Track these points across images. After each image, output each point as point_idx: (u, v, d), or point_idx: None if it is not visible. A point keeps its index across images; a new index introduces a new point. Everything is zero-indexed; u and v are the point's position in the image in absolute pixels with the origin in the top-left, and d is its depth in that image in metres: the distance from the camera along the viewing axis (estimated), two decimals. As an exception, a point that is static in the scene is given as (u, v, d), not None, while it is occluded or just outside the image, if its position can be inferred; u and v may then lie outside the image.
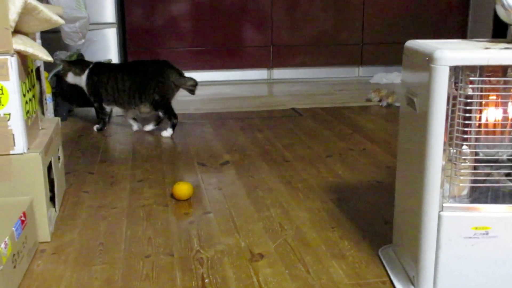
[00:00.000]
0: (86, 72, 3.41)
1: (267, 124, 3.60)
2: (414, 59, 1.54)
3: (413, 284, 1.54)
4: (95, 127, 3.50)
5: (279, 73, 5.27)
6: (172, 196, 2.33)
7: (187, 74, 3.44)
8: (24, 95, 1.90)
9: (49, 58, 2.00)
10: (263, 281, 1.65)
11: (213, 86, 5.03)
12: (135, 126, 3.50)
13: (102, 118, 3.50)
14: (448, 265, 1.48)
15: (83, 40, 3.84)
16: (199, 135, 3.36)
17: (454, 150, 1.46)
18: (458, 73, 1.41)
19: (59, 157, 2.33)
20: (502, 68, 1.44)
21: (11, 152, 1.83)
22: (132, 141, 3.27)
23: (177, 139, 3.29)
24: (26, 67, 1.98)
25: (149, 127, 3.48)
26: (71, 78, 3.44)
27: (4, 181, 1.84)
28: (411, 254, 1.57)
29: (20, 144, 1.84)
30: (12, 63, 1.78)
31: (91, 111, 3.78)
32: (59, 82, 3.74)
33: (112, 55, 4.28)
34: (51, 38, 3.60)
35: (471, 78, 1.42)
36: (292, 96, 4.60)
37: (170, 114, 3.36)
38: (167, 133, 3.35)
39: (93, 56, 3.95)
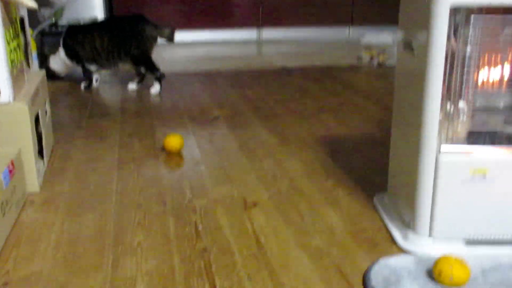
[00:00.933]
0: (61, 39, 3.33)
1: (257, 82, 3.55)
2: (412, 2, 1.50)
3: (409, 228, 1.53)
4: (82, 85, 3.44)
5: (268, 33, 5.20)
6: (163, 149, 2.29)
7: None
8: (9, 43, 1.83)
9: (33, 4, 1.93)
10: (258, 227, 1.63)
11: (201, 46, 4.95)
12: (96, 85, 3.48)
13: (88, 76, 3.43)
14: (445, 209, 1.46)
15: (67, -3, 3.74)
16: (189, 93, 3.31)
17: (453, 95, 1.43)
18: (459, 13, 1.37)
19: (46, 111, 2.28)
20: (503, 9, 1.40)
21: (-3, 100, 1.78)
22: (120, 98, 3.22)
23: (167, 96, 3.23)
24: (9, 14, 1.90)
25: (133, 85, 3.41)
26: (54, 63, 3.38)
27: (-10, 131, 1.79)
28: (407, 200, 1.55)
29: (6, 93, 1.78)
30: (-5, 7, 1.71)
31: (78, 70, 3.70)
32: (42, 43, 3.65)
33: (97, 12, 4.18)
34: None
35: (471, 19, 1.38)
36: (281, 55, 4.54)
37: (152, 68, 3.30)
38: (154, 89, 3.30)
39: (78, 13, 3.86)
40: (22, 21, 2.23)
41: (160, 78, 3.30)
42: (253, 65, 4.10)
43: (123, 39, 3.21)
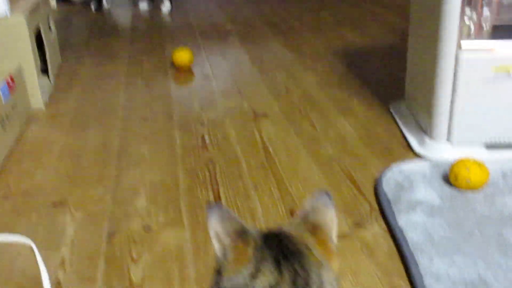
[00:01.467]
0: None
1: (274, -3, 3.39)
2: None
3: (426, 134, 1.44)
4: (92, 6, 3.33)
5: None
6: (173, 65, 2.21)
7: None
8: (1, -49, 1.73)
9: None
10: (267, 137, 1.56)
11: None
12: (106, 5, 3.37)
13: (98, -4, 3.33)
14: (465, 111, 1.36)
15: None
16: (202, 10, 3.18)
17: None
18: None
19: (50, 27, 2.19)
20: None
21: (-7, 13, 1.70)
22: (131, 18, 3.11)
23: (179, 15, 3.11)
24: None
25: (143, 4, 3.29)
26: None
27: (-12, 45, 1.73)
28: (424, 105, 1.45)
29: (2, 7, 1.70)
30: None
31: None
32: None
33: None
34: None
35: None
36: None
37: None
38: (165, 7, 3.19)
39: None
40: None
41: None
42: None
43: None
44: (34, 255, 1.10)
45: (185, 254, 1.10)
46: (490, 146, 1.38)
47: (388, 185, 1.25)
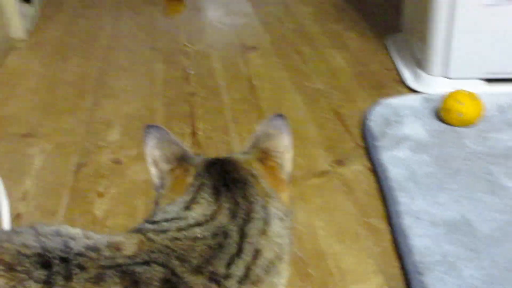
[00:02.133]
0: None
1: None
2: None
3: (421, 68, 1.35)
4: None
5: None
6: (164, -5, 2.09)
7: None
8: None
9: None
10: (254, 71, 1.48)
11: None
12: None
13: None
14: (462, 42, 1.26)
15: None
16: None
17: None
18: None
19: (36, -46, 2.08)
20: None
21: None
22: None
23: None
24: None
25: None
26: None
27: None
28: (421, 37, 1.35)
29: None
30: None
31: None
32: None
33: None
34: None
35: None
36: None
37: None
38: None
39: None
40: None
41: None
42: None
43: None
44: (-4, 186, 1.05)
45: (152, 189, 1.04)
46: (488, 81, 1.28)
47: (375, 120, 1.17)
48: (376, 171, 1.03)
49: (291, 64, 1.51)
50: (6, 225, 0.93)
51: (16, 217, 0.97)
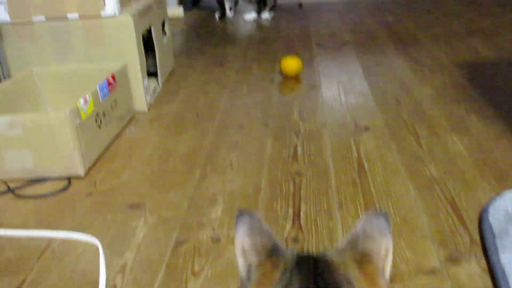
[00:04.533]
0: None
1: (402, 8, 3.20)
2: None
3: (552, 159, 1.21)
4: (216, 15, 3.37)
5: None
6: (281, 73, 2.13)
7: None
8: (116, -46, 1.77)
9: None
10: (364, 152, 1.42)
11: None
12: (230, 14, 3.40)
13: (221, 5, 3.36)
14: None
15: None
16: (323, 20, 3.08)
17: None
18: None
19: (165, 32, 2.22)
20: None
21: (102, 14, 1.73)
22: (251, 27, 3.09)
23: (299, 25, 3.04)
24: None
25: (249, 16, 3.26)
26: None
27: (97, 45, 1.77)
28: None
29: (111, 5, 1.73)
30: None
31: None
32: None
33: None
34: None
35: None
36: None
37: (260, 1, 3.19)
38: (250, 16, 3.26)
39: None
40: None
41: (260, 10, 3.19)
42: (401, -8, 3.72)
43: None
44: (98, 257, 1.07)
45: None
46: None
47: (496, 215, 1.05)
48: (494, 274, 0.91)
49: (405, 147, 1.43)
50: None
51: (111, 289, 0.98)
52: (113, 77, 1.64)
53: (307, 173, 1.34)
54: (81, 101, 1.43)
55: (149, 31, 1.97)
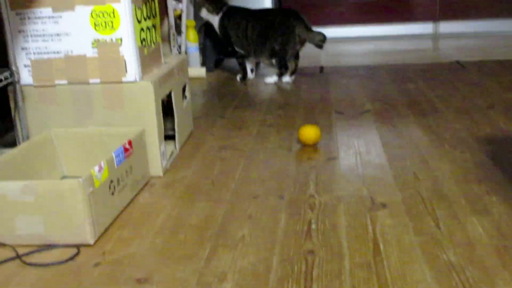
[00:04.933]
0: (220, 14, 3.32)
1: (423, 76, 3.20)
2: None
3: None
4: (238, 77, 3.41)
5: (446, 27, 4.73)
6: (298, 141, 2.12)
7: (344, 28, 3.18)
8: (140, 22, 1.81)
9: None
10: (380, 232, 1.38)
11: (371, 41, 4.68)
12: (252, 76, 3.42)
13: (242, 67, 3.40)
14: None
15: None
16: (344, 86, 3.09)
17: None
18: None
19: (185, 96, 2.24)
20: None
21: (123, 79, 1.76)
22: (272, 90, 3.11)
23: (319, 89, 3.05)
24: (145, -6, 1.88)
25: (271, 79, 3.28)
26: (204, 13, 3.38)
27: (116, 110, 1.78)
28: None
29: (132, 72, 1.75)
30: (124, -15, 1.69)
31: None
32: (207, 32, 3.70)
33: (266, 3, 4.12)
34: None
35: None
36: (458, 49, 4.09)
37: (281, 66, 3.19)
38: (271, 79, 3.27)
39: (244, 1, 3.82)
40: (165, 4, 2.22)
41: (282, 74, 3.22)
42: (423, 59, 3.74)
43: (271, 32, 3.13)
44: (100, 336, 1.04)
45: None
46: None
47: (516, 313, 1.00)
48: None
49: (422, 228, 1.39)
50: None
51: None
52: (129, 143, 1.64)
53: (320, 252, 1.30)
54: (96, 168, 1.42)
55: (169, 95, 1.99)
